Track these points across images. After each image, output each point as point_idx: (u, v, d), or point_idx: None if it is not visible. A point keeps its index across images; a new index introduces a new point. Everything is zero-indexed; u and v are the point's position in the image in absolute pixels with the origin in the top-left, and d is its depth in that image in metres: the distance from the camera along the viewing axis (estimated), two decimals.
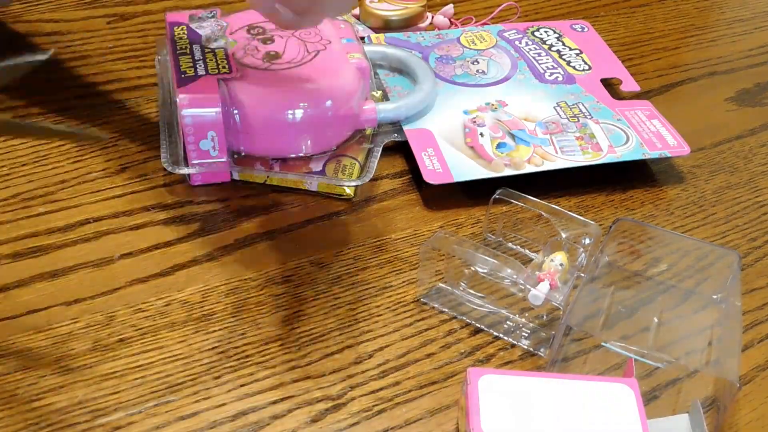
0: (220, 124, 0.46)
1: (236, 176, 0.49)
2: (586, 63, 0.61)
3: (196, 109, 0.46)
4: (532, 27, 0.65)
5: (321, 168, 0.50)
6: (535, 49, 0.62)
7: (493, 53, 0.61)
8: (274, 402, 0.38)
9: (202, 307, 0.42)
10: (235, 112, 0.47)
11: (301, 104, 0.48)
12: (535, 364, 0.41)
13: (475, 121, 0.54)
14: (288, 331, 0.41)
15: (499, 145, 0.52)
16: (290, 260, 0.45)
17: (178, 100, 0.46)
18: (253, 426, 0.37)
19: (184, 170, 0.48)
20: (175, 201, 0.48)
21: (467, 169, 0.50)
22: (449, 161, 0.50)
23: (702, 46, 0.68)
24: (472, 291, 0.43)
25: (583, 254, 0.43)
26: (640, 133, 0.54)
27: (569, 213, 0.45)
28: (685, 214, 0.51)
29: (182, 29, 0.52)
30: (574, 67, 0.60)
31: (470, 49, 0.61)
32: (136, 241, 0.45)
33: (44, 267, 0.43)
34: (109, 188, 0.49)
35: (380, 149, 0.51)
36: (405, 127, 0.53)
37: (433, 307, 0.43)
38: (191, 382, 0.38)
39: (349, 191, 0.49)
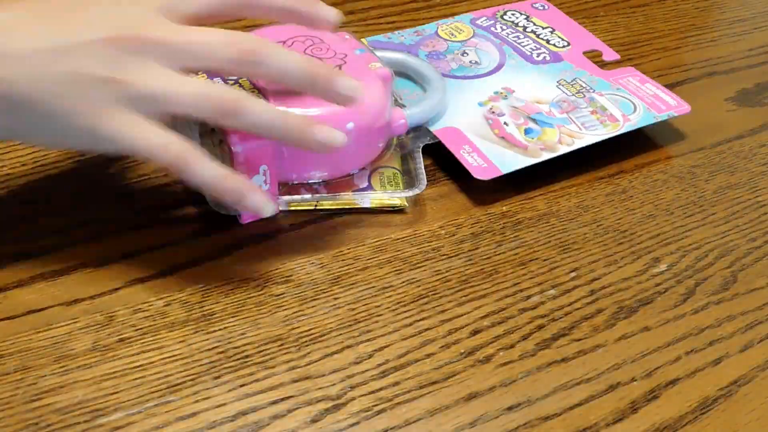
0: (273, 155, 0.44)
1: (284, 207, 0.47)
2: (563, 39, 0.62)
3: (248, 143, 0.43)
4: (500, 11, 0.65)
5: (367, 183, 0.49)
6: (513, 33, 0.62)
7: (477, 42, 0.61)
8: (274, 402, 0.38)
9: (202, 307, 0.42)
10: None
11: (349, 123, 0.45)
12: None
13: (493, 112, 0.54)
14: (288, 331, 0.41)
15: (527, 131, 0.52)
16: (290, 260, 0.45)
17: (228, 137, 0.43)
18: (253, 426, 0.37)
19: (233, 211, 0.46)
20: (175, 201, 0.48)
21: (509, 160, 0.50)
22: (488, 155, 0.50)
23: (702, 46, 0.68)
24: None
25: None
26: (642, 98, 0.55)
27: None
28: (685, 214, 0.51)
29: None
30: (554, 45, 0.61)
31: (453, 41, 0.61)
32: (136, 241, 0.45)
33: (44, 267, 0.43)
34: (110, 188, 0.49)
35: (420, 154, 0.50)
36: (431, 129, 0.52)
37: None
38: (191, 382, 0.38)
39: (403, 202, 0.48)
